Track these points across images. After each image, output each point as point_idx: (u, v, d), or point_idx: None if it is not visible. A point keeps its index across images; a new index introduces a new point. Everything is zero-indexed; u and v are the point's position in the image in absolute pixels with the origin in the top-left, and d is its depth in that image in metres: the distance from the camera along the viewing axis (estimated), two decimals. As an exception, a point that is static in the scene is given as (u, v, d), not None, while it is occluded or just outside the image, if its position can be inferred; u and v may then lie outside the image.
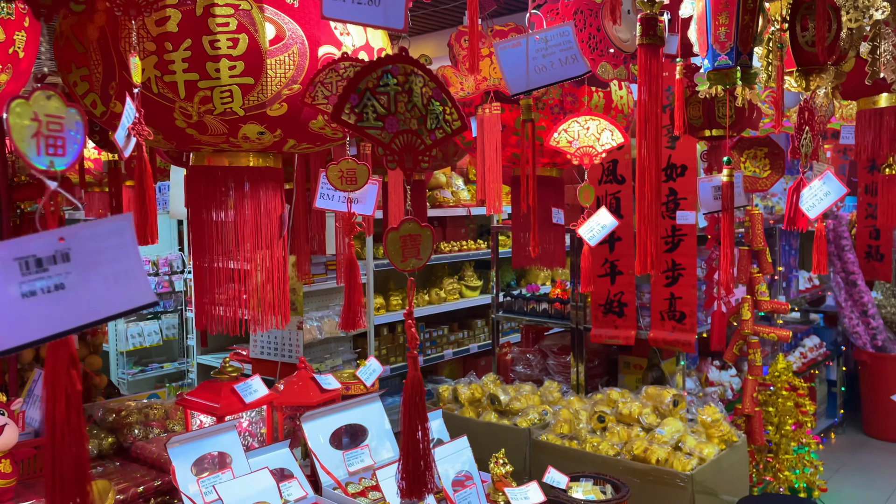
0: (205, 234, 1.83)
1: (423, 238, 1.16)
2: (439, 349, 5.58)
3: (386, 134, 1.15)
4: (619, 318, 3.82)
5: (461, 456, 2.35)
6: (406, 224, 1.17)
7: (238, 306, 1.86)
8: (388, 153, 1.15)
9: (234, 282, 1.85)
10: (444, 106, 1.20)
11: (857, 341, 5.58)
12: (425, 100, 1.18)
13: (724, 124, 2.38)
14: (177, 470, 1.94)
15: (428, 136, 1.20)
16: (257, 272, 1.85)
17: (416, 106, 1.17)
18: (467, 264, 6.06)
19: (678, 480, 2.69)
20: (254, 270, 1.85)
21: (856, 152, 2.28)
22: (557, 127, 2.17)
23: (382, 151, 1.15)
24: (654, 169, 1.40)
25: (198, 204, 1.85)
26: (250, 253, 1.84)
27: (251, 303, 1.86)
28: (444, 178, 5.84)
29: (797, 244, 5.21)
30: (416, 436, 1.33)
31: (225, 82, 1.60)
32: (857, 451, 5.40)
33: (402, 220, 1.16)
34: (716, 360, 4.38)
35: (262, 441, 2.34)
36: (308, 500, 2.18)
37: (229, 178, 1.84)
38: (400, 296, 5.33)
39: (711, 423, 2.93)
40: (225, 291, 1.85)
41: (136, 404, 2.68)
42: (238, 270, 1.86)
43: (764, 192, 3.47)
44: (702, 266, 3.69)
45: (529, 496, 2.11)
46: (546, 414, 3.27)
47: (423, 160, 1.21)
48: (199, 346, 5.18)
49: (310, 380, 2.40)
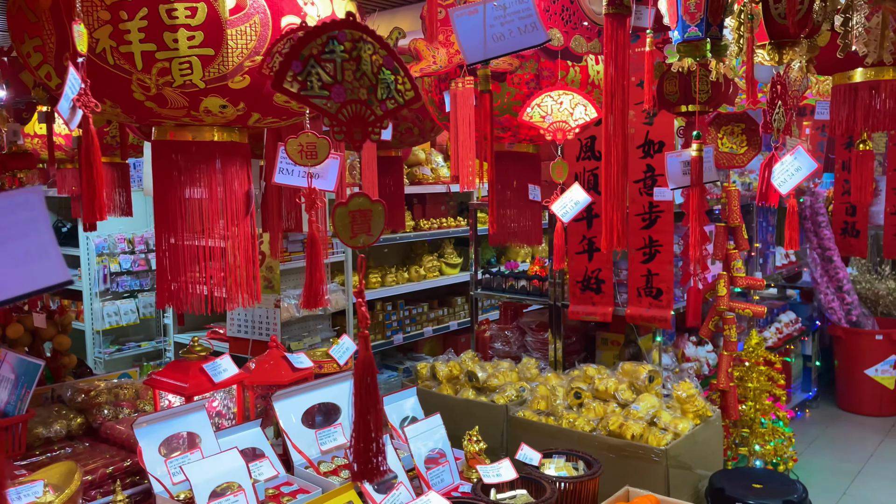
0: (168, 211, 1.78)
1: (374, 213, 1.13)
2: (419, 326, 5.57)
3: (332, 104, 1.10)
4: (597, 294, 3.82)
5: (434, 434, 2.34)
6: (356, 199, 1.12)
7: (203, 285, 1.82)
8: (334, 124, 1.11)
9: (199, 260, 1.81)
10: (395, 75, 1.15)
11: (832, 317, 5.65)
12: (375, 68, 1.13)
13: (700, 100, 2.36)
14: (143, 450, 1.91)
15: (378, 107, 1.15)
16: (224, 250, 1.81)
17: (365, 74, 1.12)
18: (447, 242, 6.04)
19: (653, 455, 2.71)
20: (220, 248, 1.81)
21: (830, 128, 2.26)
22: (530, 102, 2.14)
23: (329, 122, 1.11)
24: (620, 142, 1.37)
25: (161, 179, 1.80)
26: (216, 230, 1.80)
27: (218, 281, 1.82)
28: (423, 155, 5.79)
29: (774, 221, 5.23)
30: (367, 417, 1.31)
31: (184, 53, 1.55)
32: (831, 424, 5.49)
33: (351, 194, 1.13)
34: (692, 336, 4.41)
35: (233, 421, 2.32)
36: (279, 479, 2.17)
37: (193, 154, 1.79)
38: (379, 273, 5.30)
39: (686, 398, 2.95)
40: (190, 270, 1.80)
41: (106, 384, 2.64)
42: (203, 248, 1.82)
43: (741, 168, 3.46)
44: (679, 242, 3.69)
45: (501, 473, 2.11)
46: (523, 391, 3.27)
47: (373, 132, 1.17)
48: (176, 324, 5.13)
49: (281, 358, 2.38)
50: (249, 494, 1.90)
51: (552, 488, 2.06)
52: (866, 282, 6.10)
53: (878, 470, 4.66)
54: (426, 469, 2.22)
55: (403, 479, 2.14)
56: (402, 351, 5.87)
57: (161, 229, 1.82)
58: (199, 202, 1.79)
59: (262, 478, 2.12)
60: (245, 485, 1.90)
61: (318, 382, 2.38)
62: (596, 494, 2.21)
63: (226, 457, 1.91)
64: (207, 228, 1.79)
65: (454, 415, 3.23)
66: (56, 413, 2.52)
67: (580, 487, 2.15)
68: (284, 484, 2.17)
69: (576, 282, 3.88)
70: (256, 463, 2.15)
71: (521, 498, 2.05)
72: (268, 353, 2.41)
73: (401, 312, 5.43)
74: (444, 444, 2.34)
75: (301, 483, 2.16)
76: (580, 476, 2.19)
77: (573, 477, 2.18)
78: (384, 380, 5.40)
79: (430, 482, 2.20)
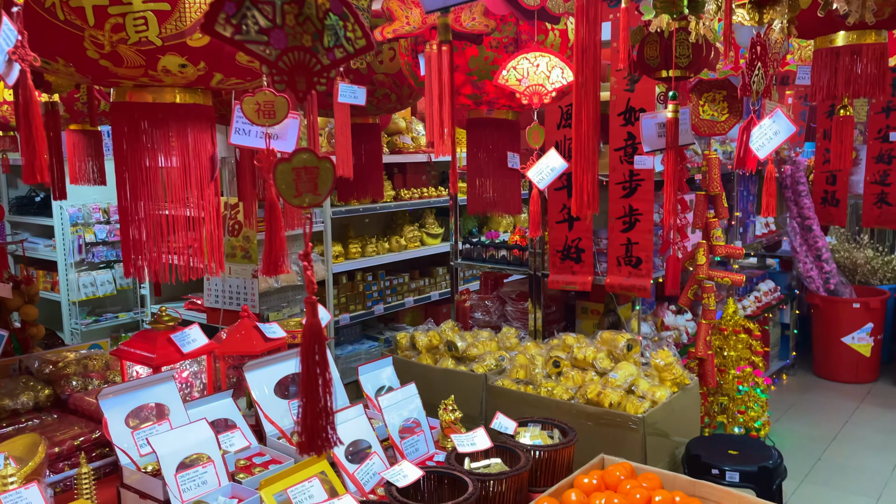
0: (129, 176, 1.71)
1: (321, 171, 1.06)
2: (400, 297, 5.54)
3: (272, 50, 1.03)
4: (577, 264, 3.80)
5: (410, 403, 2.32)
6: (300, 155, 1.06)
7: (167, 253, 1.76)
8: (274, 72, 1.04)
9: (162, 227, 1.75)
10: (344, 21, 1.08)
11: (810, 285, 5.69)
12: (321, 13, 1.06)
13: (681, 64, 2.31)
14: (109, 422, 1.87)
15: (325, 56, 1.08)
16: (189, 217, 1.75)
17: (309, 19, 1.05)
18: (428, 212, 5.98)
19: (630, 423, 2.71)
20: (184, 215, 1.75)
21: (811, 93, 2.22)
22: (506, 64, 2.08)
23: (268, 70, 1.04)
24: (591, 100, 1.32)
25: (120, 144, 1.73)
26: (179, 196, 1.73)
27: (183, 249, 1.76)
28: (403, 124, 5.70)
29: (755, 190, 5.23)
30: (315, 387, 1.27)
31: (138, 8, 1.47)
32: (807, 391, 5.56)
33: (296, 149, 1.06)
34: (672, 304, 4.41)
35: (204, 392, 2.28)
36: (252, 450, 2.14)
37: (154, 116, 1.72)
38: (359, 243, 5.25)
39: (664, 366, 2.95)
40: (153, 238, 1.74)
41: (75, 355, 2.58)
42: (167, 215, 1.76)
43: (722, 135, 3.43)
44: (659, 211, 3.67)
45: (476, 442, 2.09)
46: (503, 360, 3.26)
47: (319, 82, 1.10)
48: (153, 295, 5.06)
49: (253, 328, 2.33)
50: (219, 465, 1.87)
51: (527, 457, 2.05)
52: (845, 251, 6.14)
53: (853, 436, 4.74)
54: (401, 439, 2.20)
55: (377, 449, 2.12)
56: (383, 321, 5.85)
57: (122, 196, 1.75)
58: (161, 167, 1.73)
59: (234, 449, 2.09)
60: (214, 456, 1.87)
61: (292, 352, 2.34)
62: (571, 462, 2.21)
63: (194, 428, 1.87)
64: (170, 194, 1.73)
65: (433, 384, 3.22)
66: (23, 384, 2.47)
67: (555, 455, 2.15)
68: (257, 455, 2.14)
69: (556, 251, 3.86)
70: (228, 434, 2.11)
71: (495, 466, 2.04)
72: (239, 322, 2.36)
73: (381, 283, 5.39)
74: (419, 414, 2.32)
75: (273, 454, 2.13)
76: (555, 444, 2.18)
77: (548, 445, 2.17)
78: (365, 350, 5.38)
79: (405, 451, 2.18)
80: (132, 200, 1.73)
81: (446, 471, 1.96)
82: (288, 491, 1.84)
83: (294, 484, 1.85)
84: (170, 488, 1.75)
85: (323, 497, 1.86)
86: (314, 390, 1.26)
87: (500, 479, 1.93)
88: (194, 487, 1.80)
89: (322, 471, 1.96)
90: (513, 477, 1.95)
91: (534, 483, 2.15)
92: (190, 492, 1.79)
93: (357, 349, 5.38)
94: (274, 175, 1.06)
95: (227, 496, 1.85)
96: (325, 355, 1.27)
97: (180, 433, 1.84)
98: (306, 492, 1.86)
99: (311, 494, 1.86)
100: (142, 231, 1.73)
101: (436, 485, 1.98)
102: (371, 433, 2.14)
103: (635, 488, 1.93)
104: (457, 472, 1.93)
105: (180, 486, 1.77)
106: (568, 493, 1.94)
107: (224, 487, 1.86)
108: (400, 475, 1.87)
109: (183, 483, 1.78)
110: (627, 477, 2.02)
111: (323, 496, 1.87)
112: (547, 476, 2.15)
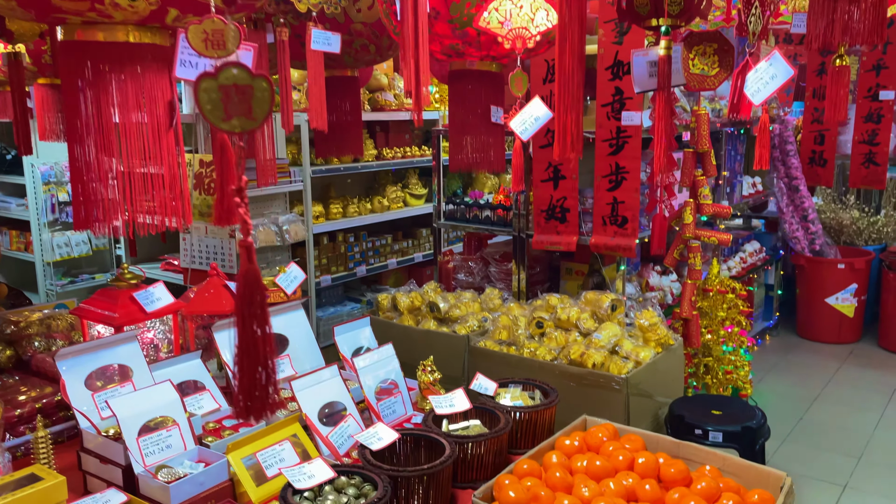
0: (78, 123, 1.59)
1: (255, 91, 0.94)
2: (382, 258, 5.45)
3: None
4: (562, 223, 3.72)
5: (387, 364, 2.25)
6: (229, 70, 0.94)
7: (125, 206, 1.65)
8: None
9: (117, 178, 1.63)
10: None
11: (795, 246, 5.65)
12: None
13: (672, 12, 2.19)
14: (67, 384, 1.78)
15: None
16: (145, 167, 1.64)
17: None
18: (412, 172, 5.85)
19: (613, 384, 2.66)
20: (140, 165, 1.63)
21: (807, 41, 2.11)
22: (487, 5, 1.95)
23: None
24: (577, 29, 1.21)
25: (69, 87, 1.60)
26: (134, 145, 1.61)
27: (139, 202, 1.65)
28: (385, 80, 5.53)
29: (743, 150, 5.14)
30: (253, 342, 1.15)
31: (78, -68, 1.33)
32: (791, 351, 5.57)
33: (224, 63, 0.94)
34: (657, 265, 4.36)
35: (171, 353, 2.19)
36: (221, 412, 2.06)
37: (105, 56, 1.58)
38: (340, 204, 5.12)
39: (649, 326, 2.90)
40: (107, 189, 1.63)
41: (39, 315, 2.47)
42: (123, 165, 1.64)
43: (712, 90, 3.33)
44: (645, 169, 3.58)
45: (455, 403, 2.02)
46: (485, 321, 3.19)
47: None
48: (128, 255, 4.93)
49: (222, 287, 2.23)
50: (185, 429, 1.79)
51: (507, 418, 1.98)
52: (831, 211, 6.10)
53: (835, 395, 4.75)
54: (377, 400, 2.13)
55: (353, 412, 2.05)
56: (365, 283, 5.76)
57: (73, 145, 1.62)
58: (115, 113, 1.60)
59: (202, 411, 2.01)
60: (179, 419, 1.79)
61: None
62: (552, 424, 2.15)
63: (158, 390, 1.78)
64: (125, 143, 1.61)
65: (415, 346, 3.15)
66: (-17, 346, 2.36)
67: (536, 417, 2.08)
68: (226, 417, 2.06)
69: (540, 211, 3.76)
70: (196, 396, 2.03)
71: (473, 428, 1.98)
72: (207, 281, 2.26)
73: (364, 244, 5.29)
74: (396, 375, 2.25)
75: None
76: (536, 405, 2.12)
77: (528, 406, 2.11)
78: (346, 312, 5.30)
79: (381, 414, 2.11)
80: (82, 148, 1.61)
81: (422, 433, 1.89)
82: (258, 454, 1.76)
83: (264, 447, 1.78)
84: (131, 452, 1.67)
85: (295, 461, 1.79)
86: (252, 345, 1.15)
87: (479, 441, 1.86)
88: (158, 451, 1.71)
89: (294, 434, 1.88)
90: (492, 439, 1.88)
91: (514, 445, 2.09)
92: (153, 456, 1.71)
93: (339, 311, 5.30)
94: (196, 92, 0.94)
95: (193, 460, 1.77)
96: (264, 306, 1.15)
97: (143, 395, 1.75)
98: (277, 455, 1.79)
99: (283, 458, 1.79)
100: (94, 181, 1.61)
101: (412, 447, 1.91)
102: (346, 395, 2.06)
103: (618, 450, 1.87)
104: (433, 435, 1.87)
105: (142, 449, 1.69)
106: (549, 454, 1.88)
107: (190, 451, 1.78)
108: (374, 438, 1.80)
109: (145, 447, 1.70)
110: (610, 438, 1.97)
111: (295, 459, 1.80)
112: (528, 438, 2.10)
